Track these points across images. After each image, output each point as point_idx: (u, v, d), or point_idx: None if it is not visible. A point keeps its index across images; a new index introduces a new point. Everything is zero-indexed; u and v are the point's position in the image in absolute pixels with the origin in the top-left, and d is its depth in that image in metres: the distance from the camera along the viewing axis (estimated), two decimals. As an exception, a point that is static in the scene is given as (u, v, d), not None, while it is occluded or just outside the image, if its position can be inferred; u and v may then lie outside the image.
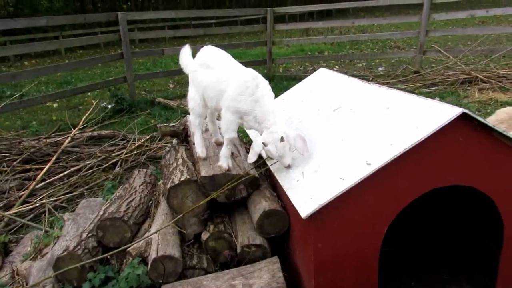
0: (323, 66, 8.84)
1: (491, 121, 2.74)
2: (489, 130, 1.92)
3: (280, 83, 8.42)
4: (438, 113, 1.89)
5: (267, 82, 2.45)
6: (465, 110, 1.82)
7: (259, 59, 10.35)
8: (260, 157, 2.52)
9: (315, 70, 3.62)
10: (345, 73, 3.16)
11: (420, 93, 6.73)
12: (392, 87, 2.78)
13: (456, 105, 2.04)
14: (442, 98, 6.59)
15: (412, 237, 2.82)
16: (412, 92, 6.06)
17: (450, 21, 15.81)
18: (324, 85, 3.17)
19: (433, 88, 7.38)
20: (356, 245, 1.94)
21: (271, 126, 2.27)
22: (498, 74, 7.33)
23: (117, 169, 4.64)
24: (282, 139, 2.21)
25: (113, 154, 4.98)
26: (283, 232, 2.32)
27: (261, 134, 2.36)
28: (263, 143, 2.27)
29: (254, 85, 2.36)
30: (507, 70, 7.50)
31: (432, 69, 8.55)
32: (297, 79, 4.19)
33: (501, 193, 2.04)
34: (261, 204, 2.33)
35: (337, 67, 10.70)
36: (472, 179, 2.00)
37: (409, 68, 8.84)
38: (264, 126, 2.31)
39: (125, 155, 4.90)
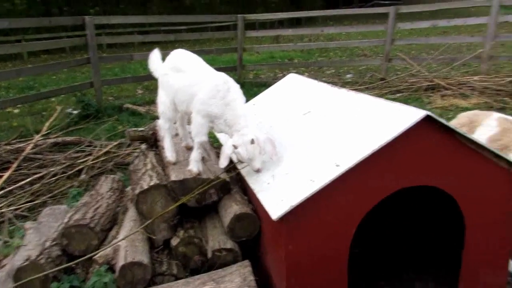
0: (293, 73, 8.96)
1: (453, 124, 2.84)
2: (452, 132, 2.00)
3: (251, 89, 8.45)
4: (404, 116, 1.94)
5: (238, 86, 2.45)
6: (429, 113, 1.88)
7: (230, 66, 10.36)
8: (230, 161, 2.52)
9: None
10: (315, 79, 3.20)
11: (386, 100, 6.92)
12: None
13: (420, 109, 2.10)
14: (407, 104, 6.79)
15: (380, 238, 2.88)
16: (379, 98, 6.23)
17: (414, 30, 16.36)
18: (294, 90, 3.21)
19: (398, 95, 7.61)
20: (327, 246, 1.96)
21: (242, 129, 2.27)
22: (459, 81, 7.64)
23: (82, 176, 4.50)
24: (252, 141, 2.22)
25: (79, 161, 4.83)
26: (254, 235, 2.31)
27: (231, 137, 2.35)
28: (233, 145, 2.26)
29: (225, 89, 2.35)
30: (467, 77, 7.83)
31: (397, 76, 8.81)
32: (267, 85, 4.21)
33: (463, 193, 2.11)
34: (232, 208, 2.31)
35: (306, 74, 10.85)
36: (436, 179, 2.06)
37: (375, 75, 9.08)
38: (234, 129, 2.31)
39: (92, 162, 4.77)
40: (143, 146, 3.24)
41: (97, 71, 7.60)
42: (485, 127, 2.90)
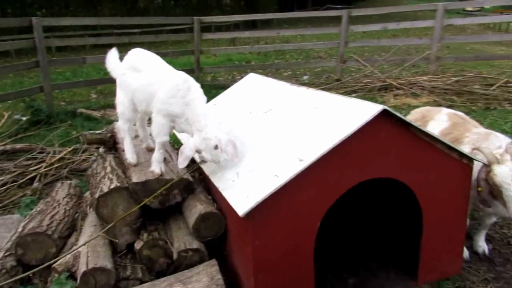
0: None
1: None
2: (407, 126, 2.09)
3: (209, 91, 8.35)
4: (362, 111, 2.01)
5: (198, 85, 2.44)
6: (386, 107, 1.96)
7: (187, 68, 10.22)
8: (193, 161, 2.49)
9: (243, 79, 3.68)
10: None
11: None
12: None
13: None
14: (363, 103, 7.02)
15: (344, 232, 2.95)
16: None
17: (366, 33, 16.96)
18: (254, 89, 3.23)
19: (353, 95, 7.85)
20: (293, 241, 1.99)
21: (203, 128, 2.25)
22: (410, 81, 8.00)
23: (35, 184, 4.28)
24: (216, 147, 2.21)
25: (31, 169, 4.59)
26: (220, 234, 2.30)
27: (192, 136, 2.32)
28: (197, 151, 2.23)
29: (185, 88, 2.33)
30: (417, 77, 8.22)
31: (352, 77, 9.09)
32: (225, 87, 4.19)
33: (419, 184, 2.21)
34: (197, 208, 2.29)
35: (264, 76, 10.94)
36: (394, 171, 2.15)
37: (331, 76, 9.32)
38: (195, 128, 2.28)
39: (45, 169, 4.54)
40: (101, 149, 3.14)
41: (47, 75, 7.27)
42: (436, 122, 3.05)
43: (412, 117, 3.24)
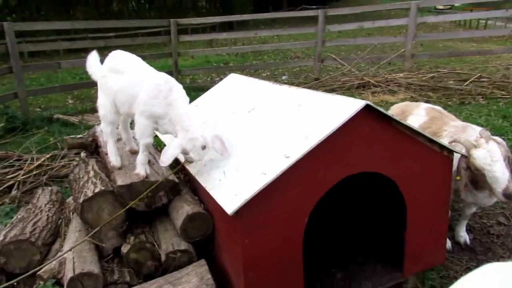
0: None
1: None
2: (389, 120, 2.13)
3: (188, 94, 8.17)
4: (345, 107, 2.04)
5: (180, 85, 2.43)
6: (369, 102, 1.99)
7: (165, 71, 10.07)
8: (177, 162, 2.48)
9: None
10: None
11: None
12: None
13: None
14: (341, 102, 7.11)
15: (331, 227, 2.99)
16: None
17: (342, 32, 17.18)
18: (236, 89, 3.24)
19: (333, 93, 7.94)
20: (281, 237, 2.00)
21: (188, 128, 2.23)
22: (386, 78, 8.16)
23: (14, 192, 4.17)
24: (204, 147, 2.20)
25: (8, 177, 4.47)
26: (207, 234, 2.29)
27: (175, 136, 2.30)
28: (184, 151, 2.22)
29: (167, 89, 2.31)
30: (394, 75, 8.39)
31: (330, 76, 9.20)
32: (205, 89, 4.18)
33: (402, 177, 2.26)
34: (184, 209, 2.28)
35: (243, 76, 10.94)
36: (378, 165, 2.19)
37: (310, 76, 9.40)
38: (179, 128, 2.26)
39: (23, 177, 4.43)
40: (83, 154, 3.09)
41: (21, 81, 7.10)
42: (415, 116, 3.13)
43: (392, 112, 3.31)
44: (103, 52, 2.79)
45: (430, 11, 25.55)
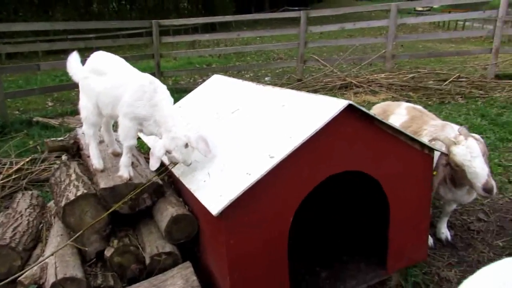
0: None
1: (369, 115, 3.08)
2: (371, 120, 2.16)
3: (171, 95, 8.24)
4: (328, 106, 2.06)
5: (164, 86, 2.42)
6: (351, 102, 2.02)
7: (147, 73, 10.03)
8: (161, 164, 2.46)
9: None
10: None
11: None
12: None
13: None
14: (324, 102, 7.18)
15: (315, 226, 3.01)
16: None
17: (323, 33, 17.34)
18: (220, 90, 3.23)
19: (316, 94, 8.00)
20: (266, 237, 2.01)
21: (172, 128, 2.22)
22: (368, 79, 8.26)
23: (-8, 197, 4.07)
24: (186, 145, 2.19)
25: (-14, 181, 4.36)
26: (192, 236, 2.28)
27: (160, 138, 2.29)
28: (167, 151, 2.21)
29: (151, 90, 2.30)
30: (375, 75, 8.50)
31: (312, 77, 9.26)
32: (188, 91, 4.16)
33: (385, 175, 2.29)
34: (168, 211, 2.26)
35: (226, 78, 10.93)
36: (360, 164, 2.22)
37: (293, 76, 9.45)
38: (164, 129, 2.25)
39: (1, 181, 4.33)
40: (64, 156, 3.04)
41: (0, 83, 6.93)
42: (396, 116, 3.18)
43: (374, 112, 3.35)
44: (84, 54, 2.76)
45: (409, 13, 26.04)
